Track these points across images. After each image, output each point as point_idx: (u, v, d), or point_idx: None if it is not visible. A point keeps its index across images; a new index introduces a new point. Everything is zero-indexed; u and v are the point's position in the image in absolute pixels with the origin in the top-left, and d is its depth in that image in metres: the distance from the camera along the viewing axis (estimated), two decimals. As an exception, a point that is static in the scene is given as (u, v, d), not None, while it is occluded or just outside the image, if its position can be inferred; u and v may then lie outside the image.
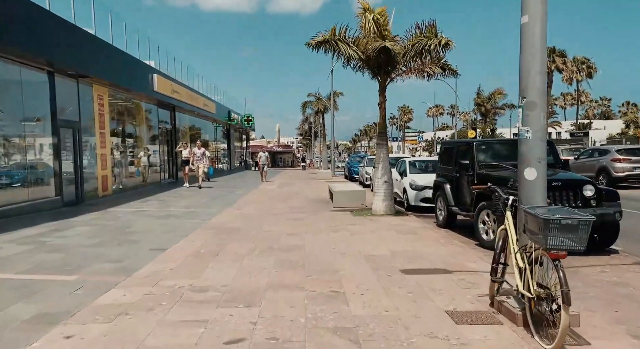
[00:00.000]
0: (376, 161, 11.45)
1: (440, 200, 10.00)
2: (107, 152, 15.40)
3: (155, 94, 19.03)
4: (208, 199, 15.24)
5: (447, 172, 9.93)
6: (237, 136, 48.79)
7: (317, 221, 10.14)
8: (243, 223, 9.95)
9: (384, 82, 11.23)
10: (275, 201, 14.47)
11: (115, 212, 11.69)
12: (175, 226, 9.55)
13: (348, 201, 12.86)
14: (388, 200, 11.17)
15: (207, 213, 11.57)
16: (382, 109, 11.29)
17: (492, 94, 42.73)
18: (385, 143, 11.38)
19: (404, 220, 10.33)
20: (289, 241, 7.89)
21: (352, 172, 27.62)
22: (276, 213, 11.58)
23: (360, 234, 8.52)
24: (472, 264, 6.13)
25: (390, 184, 11.30)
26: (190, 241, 7.98)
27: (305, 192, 17.66)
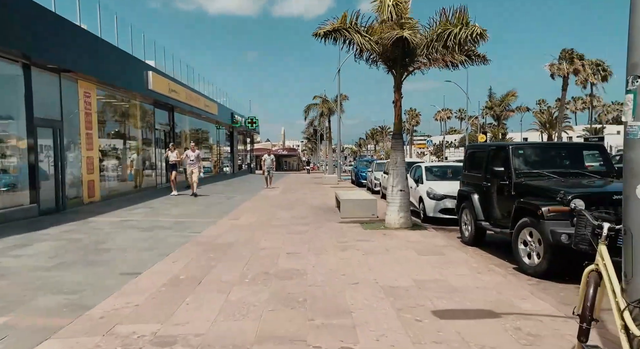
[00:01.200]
0: (390, 167, 10.09)
1: (467, 213, 8.62)
2: (95, 154, 14.13)
3: (150, 93, 17.78)
4: (203, 206, 13.92)
5: (474, 181, 8.55)
6: (241, 139, 47.60)
7: (322, 236, 8.79)
8: (237, 237, 8.61)
9: (400, 77, 9.88)
10: (276, 209, 13.13)
11: (96, 223, 10.38)
12: (158, 242, 8.22)
13: (357, 211, 11.50)
14: (404, 211, 9.80)
15: (198, 224, 10.25)
16: (397, 108, 9.94)
17: (504, 96, 41.20)
18: (401, 146, 10.03)
19: (424, 235, 8.95)
20: (288, 263, 6.54)
21: (359, 177, 26.25)
22: (276, 225, 10.24)
23: (374, 254, 7.15)
24: (525, 304, 4.74)
25: (406, 193, 9.93)
26: (172, 261, 6.64)
27: (309, 199, 16.31)
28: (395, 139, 10.03)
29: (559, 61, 45.89)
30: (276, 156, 68.27)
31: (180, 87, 21.35)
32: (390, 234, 9.06)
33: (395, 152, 9.97)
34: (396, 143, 10.00)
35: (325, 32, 9.52)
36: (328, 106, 37.39)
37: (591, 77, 49.33)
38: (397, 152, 9.95)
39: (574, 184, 6.77)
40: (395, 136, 10.06)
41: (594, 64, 49.45)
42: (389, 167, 10.16)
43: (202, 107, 25.83)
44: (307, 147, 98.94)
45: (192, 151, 16.67)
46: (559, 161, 7.72)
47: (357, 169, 27.50)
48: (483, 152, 8.40)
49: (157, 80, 17.99)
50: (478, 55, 10.06)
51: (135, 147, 18.12)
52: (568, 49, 47.00)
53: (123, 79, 15.52)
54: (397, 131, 10.06)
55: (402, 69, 9.83)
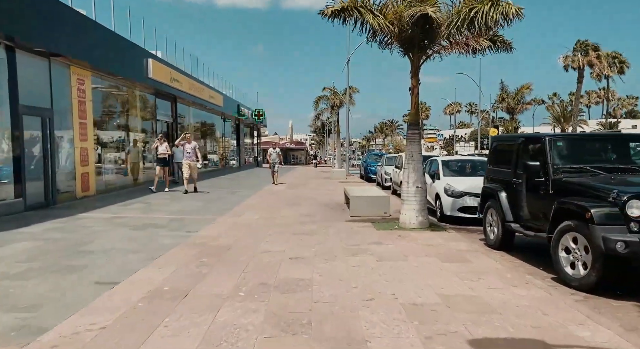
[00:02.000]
0: (405, 160, 9.16)
1: (492, 213, 7.67)
2: (90, 146, 13.33)
3: (151, 81, 16.94)
4: (204, 202, 13.08)
5: (502, 177, 7.60)
6: (248, 132, 46.80)
7: (330, 237, 7.90)
8: (237, 238, 7.75)
9: (417, 61, 8.93)
10: (281, 206, 12.25)
11: (85, 220, 9.57)
12: (148, 242, 7.38)
13: (368, 209, 10.59)
14: (421, 210, 8.88)
15: (196, 222, 9.41)
16: (414, 96, 8.99)
17: (519, 89, 39.90)
18: (418, 138, 9.09)
19: (443, 238, 8.03)
20: (291, 271, 5.66)
21: (368, 172, 25.32)
22: (281, 223, 9.36)
23: (390, 260, 6.25)
24: (583, 331, 3.83)
25: (423, 190, 9.01)
26: (158, 268, 5.79)
27: (317, 195, 15.42)
28: (411, 130, 9.09)
29: (573, 53, 44.48)
30: (283, 149, 67.78)
31: (183, 77, 20.49)
32: (406, 235, 8.14)
33: (411, 144, 9.04)
34: (412, 134, 9.06)
35: (333, 11, 8.57)
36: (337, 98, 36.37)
37: (607, 69, 47.81)
38: (414, 144, 9.01)
39: (626, 181, 5.81)
40: (411, 126, 9.11)
41: (610, 56, 47.94)
42: (404, 161, 9.23)
43: (207, 99, 24.99)
44: (314, 140, 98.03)
45: (189, 142, 14.77)
46: (604, 155, 6.74)
47: (366, 163, 26.57)
48: (512, 144, 7.43)
49: (158, 68, 17.14)
50: (504, 41, 9.07)
51: (135, 139, 17.30)
52: (583, 40, 45.61)
53: (121, 66, 14.68)
54: (413, 121, 9.12)
55: (421, 52, 8.86)
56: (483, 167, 12.07)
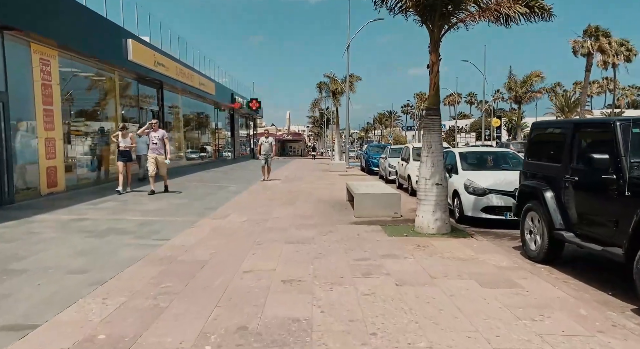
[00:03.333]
0: (423, 153, 7.61)
1: (534, 217, 6.15)
2: (57, 136, 11.73)
3: (131, 65, 15.32)
4: (187, 200, 11.53)
5: (548, 173, 6.07)
6: (244, 123, 45.17)
7: (333, 248, 6.38)
8: (216, 249, 6.22)
9: (438, 32, 7.35)
10: (275, 205, 10.72)
11: (37, 224, 8.02)
12: (102, 257, 5.84)
13: (376, 209, 9.07)
14: (441, 212, 7.36)
15: (171, 226, 7.88)
16: (434, 74, 7.43)
17: (527, 76, 38.23)
18: (438, 126, 7.53)
19: (472, 247, 6.51)
20: (282, 305, 4.14)
21: (370, 164, 23.76)
22: (273, 228, 7.84)
23: (414, 285, 4.73)
24: None
25: (444, 188, 7.48)
26: (101, 299, 4.27)
27: (315, 190, 13.88)
28: (430, 115, 7.53)
29: (583, 38, 42.83)
30: (281, 141, 66.16)
31: (169, 61, 18.84)
32: (425, 244, 6.62)
33: (429, 133, 7.48)
34: (431, 121, 7.50)
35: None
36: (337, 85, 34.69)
37: (614, 57, 46.16)
38: (433, 133, 7.46)
39: None
40: (430, 111, 7.55)
41: (618, 43, 46.29)
42: (421, 154, 7.68)
43: (197, 86, 23.35)
44: (312, 132, 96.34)
45: (155, 130, 11.94)
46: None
47: (367, 155, 24.99)
48: (563, 132, 5.88)
49: (139, 50, 15.49)
50: (542, 7, 7.47)
51: (114, 129, 15.67)
52: (594, 25, 43.95)
53: (95, 46, 13.05)
54: (432, 105, 7.55)
55: (442, 21, 7.28)
56: (506, 160, 10.60)
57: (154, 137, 11.92)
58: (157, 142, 11.88)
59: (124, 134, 12.37)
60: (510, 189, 8.52)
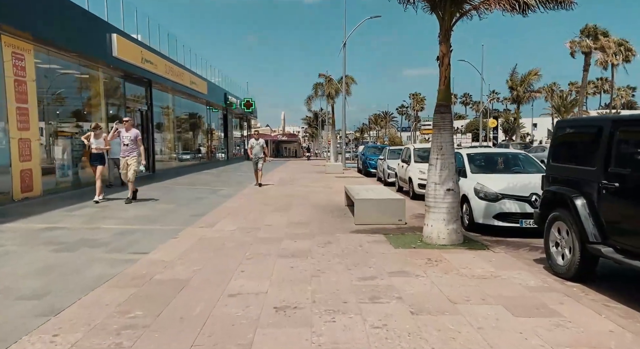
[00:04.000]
0: (432, 154, 6.84)
1: (561, 228, 5.40)
2: (33, 136, 10.88)
3: (117, 61, 14.47)
4: (174, 205, 10.71)
5: (579, 177, 5.32)
6: (238, 124, 44.33)
7: (333, 263, 5.59)
8: (199, 265, 5.42)
9: (449, 20, 6.59)
10: (268, 210, 9.93)
11: (1, 234, 7.18)
12: (66, 276, 5.03)
13: (378, 216, 8.31)
14: (453, 221, 6.60)
15: (152, 237, 7.07)
16: (444, 67, 6.67)
17: (526, 75, 37.61)
18: (449, 124, 6.76)
19: (490, 261, 5.74)
20: (273, 343, 3.35)
21: (367, 165, 23.02)
22: (265, 238, 7.05)
23: (433, 313, 3.96)
24: None
25: (456, 194, 6.72)
26: (50, 336, 3.47)
27: (311, 194, 13.10)
28: (441, 112, 6.76)
29: (580, 38, 42.32)
30: (276, 141, 65.27)
31: (158, 58, 17.99)
32: (437, 257, 5.86)
33: (439, 132, 6.71)
34: (441, 119, 6.74)
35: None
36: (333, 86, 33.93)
37: (611, 57, 45.68)
38: (443, 132, 6.69)
39: None
40: (440, 108, 6.78)
41: (616, 43, 45.85)
42: (430, 156, 6.91)
43: (188, 85, 22.51)
44: (307, 133, 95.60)
45: (127, 130, 10.36)
46: None
47: (364, 156, 24.25)
48: (599, 131, 5.13)
49: (125, 46, 14.65)
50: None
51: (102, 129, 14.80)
52: (591, 25, 43.43)
53: (75, 40, 12.20)
54: (443, 101, 6.78)
55: (454, 7, 6.52)
56: (518, 162, 9.85)
57: (125, 137, 10.32)
58: (128, 144, 10.29)
59: (97, 135, 10.92)
60: (526, 193, 7.81)
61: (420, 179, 12.80)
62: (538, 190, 7.82)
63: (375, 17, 26.04)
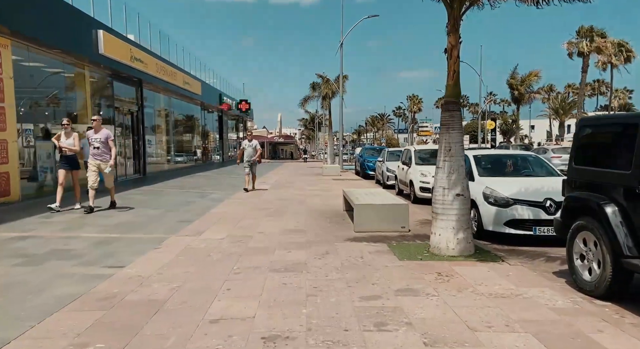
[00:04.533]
0: (440, 156, 6.21)
1: (587, 239, 4.78)
2: (10, 137, 10.22)
3: (103, 59, 13.81)
4: (162, 210, 10.06)
5: (608, 181, 4.71)
6: (234, 125, 43.67)
7: (332, 278, 4.96)
8: (180, 281, 4.78)
9: (459, 8, 5.99)
10: (261, 216, 9.29)
11: (-34, 244, 6.52)
12: (21, 295, 4.38)
13: (380, 222, 7.68)
14: (463, 230, 5.98)
15: (132, 247, 6.43)
16: (452, 60, 6.06)
17: (526, 76, 37.08)
18: (459, 123, 6.15)
19: (506, 276, 5.12)
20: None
21: (365, 167, 22.42)
22: (256, 248, 6.41)
23: (450, 345, 3.33)
24: None
25: (466, 199, 6.09)
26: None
27: (308, 198, 12.47)
28: (449, 110, 6.14)
29: (577, 38, 41.86)
30: (273, 143, 64.58)
31: (148, 57, 17.32)
32: (448, 272, 5.23)
33: (448, 132, 6.10)
34: (450, 117, 6.12)
35: None
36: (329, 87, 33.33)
37: (610, 58, 45.19)
38: (452, 132, 6.08)
39: None
40: (448, 105, 6.17)
41: (616, 44, 45.40)
42: (437, 158, 6.28)
43: (181, 85, 21.85)
44: (304, 135, 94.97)
45: (96, 131, 9.16)
46: None
47: (362, 158, 23.65)
48: (634, 127, 4.51)
49: (112, 43, 13.99)
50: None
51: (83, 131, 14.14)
52: (587, 26, 42.95)
53: (58, 35, 11.54)
54: (451, 98, 6.16)
55: (465, -7, 5.91)
56: (528, 164, 9.24)
57: (94, 139, 9.09)
58: (99, 146, 9.07)
59: (67, 133, 9.22)
60: (539, 199, 7.20)
61: (422, 182, 12.22)
62: (552, 195, 7.24)
63: (373, 16, 25.51)
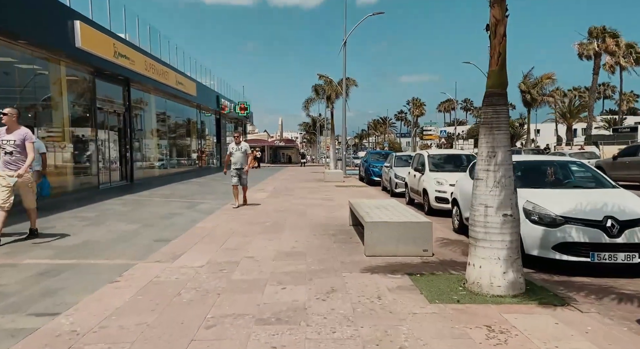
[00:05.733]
0: (479, 164, 4.78)
1: None
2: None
3: (81, 54, 12.43)
4: (138, 225, 8.65)
5: None
6: (232, 129, 42.31)
7: (340, 335, 3.53)
8: (127, 341, 3.35)
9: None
10: (254, 233, 7.87)
11: None
12: None
13: (396, 243, 6.26)
14: (512, 262, 4.55)
15: (84, 279, 5.02)
16: (498, 39, 4.64)
17: (538, 79, 35.64)
18: (505, 121, 4.71)
19: (585, 333, 3.68)
20: None
21: (370, 173, 21.02)
22: (242, 281, 4.99)
23: None
24: None
25: (516, 221, 4.66)
26: None
27: (310, 208, 11.05)
28: (493, 104, 4.71)
29: (589, 39, 40.49)
30: (273, 147, 63.12)
31: (135, 53, 15.93)
32: (500, 324, 3.79)
33: (491, 132, 4.66)
34: (494, 114, 4.69)
35: None
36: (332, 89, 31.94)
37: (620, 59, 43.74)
38: (497, 133, 4.64)
39: None
40: (492, 98, 4.73)
41: (626, 45, 43.99)
42: (477, 165, 4.85)
43: (174, 85, 20.47)
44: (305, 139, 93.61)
45: (9, 130, 6.80)
46: None
47: (367, 163, 22.23)
48: None
49: (91, 36, 12.60)
50: None
51: (61, 135, 12.75)
52: (599, 26, 41.59)
53: (24, 24, 10.14)
54: (497, 88, 4.72)
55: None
56: (571, 173, 7.77)
57: (5, 142, 6.73)
58: (12, 151, 6.72)
59: (8, 130, 6.85)
60: (597, 217, 5.77)
61: (438, 191, 10.80)
62: (614, 212, 5.82)
63: (378, 13, 24.18)
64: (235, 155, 11.24)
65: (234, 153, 11.24)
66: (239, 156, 11.23)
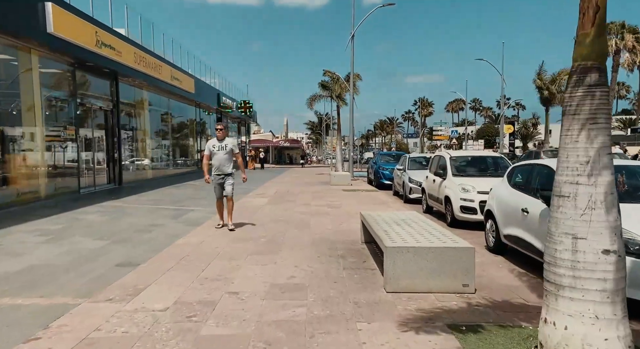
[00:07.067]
0: (560, 172, 3.22)
1: None
2: None
3: (56, 42, 10.96)
4: (106, 242, 7.15)
5: None
6: (235, 129, 40.87)
7: None
8: None
9: None
10: (245, 255, 6.35)
11: None
12: None
13: (427, 275, 4.72)
14: (618, 320, 2.97)
15: (3, 328, 3.51)
16: (593, -14, 3.06)
17: (556, 75, 33.86)
18: (605, 108, 3.16)
19: None
20: None
21: (380, 176, 19.44)
22: (215, 337, 3.47)
23: None
24: None
25: (622, 261, 3.07)
26: None
27: (313, 219, 9.52)
28: (588, 85, 3.15)
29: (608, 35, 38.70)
30: (278, 148, 61.66)
31: (123, 43, 14.44)
32: None
33: (584, 127, 3.11)
34: (589, 97, 3.13)
35: None
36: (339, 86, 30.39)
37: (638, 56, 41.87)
38: (593, 126, 3.09)
39: None
40: (586, 76, 3.17)
41: (638, 40, 42.07)
42: (557, 175, 3.31)
43: (168, 80, 19.00)
44: (311, 138, 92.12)
45: None
46: None
47: (377, 165, 20.66)
48: None
49: (66, 20, 11.11)
50: None
51: (36, 134, 11.29)
52: (619, 21, 39.73)
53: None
54: (593, 59, 3.16)
55: None
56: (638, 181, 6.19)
57: None
58: None
59: None
60: None
61: (464, 199, 9.23)
62: None
63: (389, 4, 22.56)
64: (216, 156, 7.95)
65: (216, 153, 7.95)
66: (221, 157, 7.95)
